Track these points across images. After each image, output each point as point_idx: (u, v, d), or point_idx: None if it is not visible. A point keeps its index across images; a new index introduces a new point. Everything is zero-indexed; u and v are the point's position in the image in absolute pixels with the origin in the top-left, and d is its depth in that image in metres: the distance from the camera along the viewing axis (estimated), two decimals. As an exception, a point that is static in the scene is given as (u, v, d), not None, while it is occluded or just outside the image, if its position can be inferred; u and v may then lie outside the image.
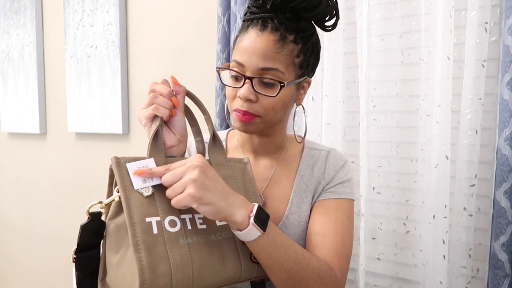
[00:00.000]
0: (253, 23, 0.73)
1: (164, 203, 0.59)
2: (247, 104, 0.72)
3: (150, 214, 0.56)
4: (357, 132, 1.27)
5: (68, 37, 1.91)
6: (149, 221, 0.56)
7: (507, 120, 0.97)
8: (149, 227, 0.55)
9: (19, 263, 2.30)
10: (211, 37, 1.51)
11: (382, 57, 1.22)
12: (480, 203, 1.10)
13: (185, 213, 0.60)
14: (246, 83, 0.71)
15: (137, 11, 1.72)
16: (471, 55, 1.05)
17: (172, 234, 0.57)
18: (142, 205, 0.56)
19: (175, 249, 0.56)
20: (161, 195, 0.59)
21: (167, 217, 0.58)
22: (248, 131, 0.75)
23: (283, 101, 0.73)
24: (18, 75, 2.14)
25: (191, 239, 0.58)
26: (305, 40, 0.73)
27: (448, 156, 1.08)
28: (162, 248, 0.55)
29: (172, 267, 0.54)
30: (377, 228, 1.25)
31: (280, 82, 0.70)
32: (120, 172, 0.57)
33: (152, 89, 0.65)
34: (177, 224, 0.58)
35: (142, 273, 0.52)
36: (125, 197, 0.56)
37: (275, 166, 0.83)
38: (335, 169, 0.82)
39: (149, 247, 0.54)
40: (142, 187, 0.58)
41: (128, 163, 0.59)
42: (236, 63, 0.73)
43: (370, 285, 1.27)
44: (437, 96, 1.08)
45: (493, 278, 1.00)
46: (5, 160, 2.31)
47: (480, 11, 1.05)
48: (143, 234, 0.54)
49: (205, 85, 1.54)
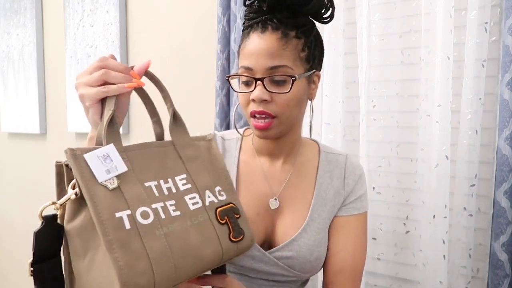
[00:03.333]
0: (253, 28, 0.74)
1: (133, 194, 0.53)
2: (263, 105, 0.72)
3: (119, 209, 0.51)
4: (357, 132, 1.27)
5: (68, 37, 1.91)
6: (119, 216, 0.50)
7: (507, 120, 0.97)
8: (120, 222, 0.50)
9: (19, 263, 2.30)
10: (211, 37, 1.51)
11: (382, 57, 1.22)
12: (480, 203, 1.10)
13: (156, 202, 0.55)
14: (258, 85, 0.71)
15: (137, 11, 1.72)
16: (471, 55, 1.05)
17: (147, 227, 0.52)
18: (109, 199, 0.50)
19: (152, 242, 0.51)
20: (129, 185, 0.54)
21: (138, 208, 0.52)
22: (268, 137, 0.76)
23: (297, 97, 0.74)
24: (18, 75, 2.14)
25: (167, 228, 0.54)
26: (306, 34, 0.74)
27: (448, 156, 1.08)
28: (139, 244, 0.50)
29: (152, 262, 0.50)
30: (377, 228, 1.25)
31: (291, 76, 0.71)
32: (78, 165, 0.50)
33: (103, 65, 0.57)
34: (149, 215, 0.53)
35: (121, 274, 0.47)
36: (89, 193, 0.49)
37: (291, 169, 0.84)
38: (354, 179, 0.84)
39: (124, 244, 0.49)
40: (106, 179, 0.52)
41: (86, 154, 0.51)
42: (244, 68, 0.73)
43: (370, 285, 1.27)
44: (437, 96, 1.08)
45: (493, 278, 1.00)
46: (5, 160, 2.31)
47: (480, 11, 1.04)
48: (115, 231, 0.49)
49: (205, 85, 1.54)
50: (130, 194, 0.53)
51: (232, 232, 0.62)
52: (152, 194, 0.56)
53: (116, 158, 0.54)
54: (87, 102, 0.57)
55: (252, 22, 0.74)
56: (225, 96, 1.38)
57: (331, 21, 0.79)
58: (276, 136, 0.76)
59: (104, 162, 0.53)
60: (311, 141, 0.89)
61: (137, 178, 0.55)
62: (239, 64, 0.76)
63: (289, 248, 0.78)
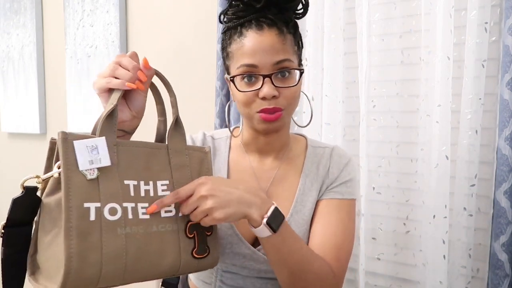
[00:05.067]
0: (244, 27, 0.74)
1: (108, 188, 0.55)
2: (274, 101, 0.73)
3: (90, 199, 0.53)
4: (357, 132, 1.27)
5: (68, 37, 1.91)
6: (87, 206, 0.52)
7: (507, 120, 0.96)
8: (87, 212, 0.52)
9: (19, 263, 2.30)
10: (211, 37, 1.51)
11: (382, 57, 1.22)
12: (480, 203, 1.10)
13: (128, 201, 0.57)
14: (265, 82, 0.72)
15: (137, 11, 1.72)
16: (471, 55, 1.05)
17: (111, 223, 0.54)
18: (83, 188, 0.53)
19: (110, 239, 0.53)
20: (107, 179, 0.55)
21: (108, 204, 0.54)
22: (274, 129, 0.77)
23: (300, 89, 0.77)
24: (18, 75, 2.14)
25: (130, 229, 0.55)
26: (294, 29, 0.77)
27: (448, 156, 1.08)
28: (97, 237, 0.52)
29: (103, 257, 0.52)
30: (377, 228, 1.25)
31: (299, 69, 0.75)
32: (65, 149, 0.53)
33: (117, 61, 0.62)
34: (117, 212, 0.55)
35: (69, 262, 0.49)
36: (66, 177, 0.52)
37: (279, 165, 0.84)
38: (339, 168, 0.84)
39: (82, 234, 0.51)
40: (87, 168, 0.54)
41: (75, 141, 0.54)
42: (247, 66, 0.72)
43: (370, 285, 1.27)
44: (437, 96, 1.08)
45: (493, 278, 1.00)
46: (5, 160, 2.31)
47: (480, 11, 1.04)
48: (78, 220, 0.51)
49: (205, 85, 1.54)
50: (106, 188, 0.55)
51: (196, 248, 0.63)
52: (128, 193, 0.57)
53: (103, 151, 0.56)
54: (96, 91, 0.62)
55: (243, 20, 0.74)
56: (225, 96, 1.38)
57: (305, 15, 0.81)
58: (280, 128, 0.78)
59: (91, 153, 0.55)
60: (299, 136, 0.90)
61: (118, 174, 0.57)
62: (233, 64, 0.75)
63: None
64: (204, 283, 0.84)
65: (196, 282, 0.87)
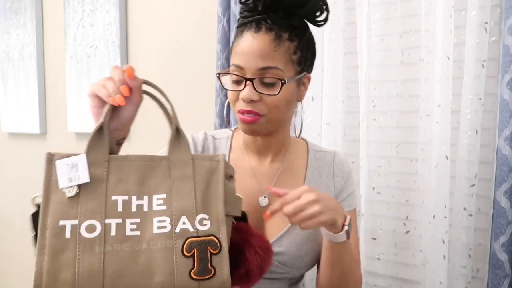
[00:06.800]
0: (247, 27, 0.74)
1: (89, 205, 0.54)
2: (251, 104, 0.73)
3: (66, 217, 0.53)
4: (357, 132, 1.27)
5: (68, 37, 1.91)
6: (62, 224, 0.53)
7: (507, 120, 0.96)
8: (62, 230, 0.52)
9: (19, 263, 2.30)
10: (211, 37, 1.51)
11: (382, 57, 1.22)
12: (480, 203, 1.10)
13: (113, 217, 0.55)
14: (247, 85, 0.72)
15: (137, 11, 1.72)
16: (471, 55, 1.05)
17: (87, 240, 0.53)
18: (61, 206, 0.54)
19: (85, 257, 0.52)
20: (90, 196, 0.55)
21: (86, 221, 0.53)
22: (253, 132, 0.77)
23: (286, 99, 0.74)
24: (18, 75, 2.14)
25: (110, 246, 0.53)
26: (300, 36, 0.74)
27: (448, 156, 1.08)
28: (71, 255, 0.52)
29: (77, 275, 0.51)
30: (377, 228, 1.25)
31: (281, 79, 0.71)
32: (49, 169, 0.55)
33: (110, 72, 0.62)
34: (96, 230, 0.53)
35: (38, 278, 0.50)
36: (45, 196, 0.54)
37: (280, 167, 0.84)
38: (343, 177, 0.86)
39: (55, 252, 0.51)
40: (66, 186, 0.54)
41: (58, 160, 0.55)
42: (235, 66, 0.73)
43: (370, 285, 1.27)
44: (437, 96, 1.08)
45: (493, 278, 1.00)
46: (5, 160, 2.31)
47: (480, 11, 1.04)
48: (52, 238, 0.52)
49: (205, 85, 1.54)
50: (86, 205, 0.54)
51: (196, 268, 0.55)
52: (114, 209, 0.55)
53: (82, 168, 0.56)
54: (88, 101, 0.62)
55: (247, 20, 0.74)
56: (225, 96, 1.38)
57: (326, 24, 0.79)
58: (262, 133, 0.78)
59: (70, 171, 0.55)
60: (300, 139, 0.89)
61: (107, 190, 0.56)
62: (230, 62, 0.76)
63: (278, 245, 0.79)
64: None
65: None
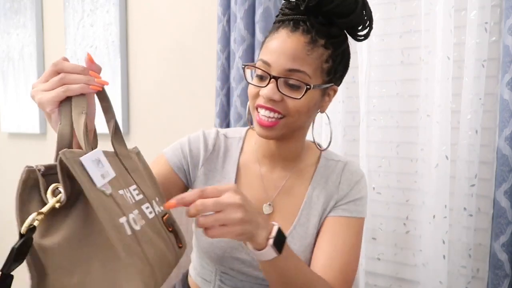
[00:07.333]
0: (284, 24, 0.71)
1: (120, 200, 0.51)
2: (270, 103, 0.70)
3: (119, 214, 0.49)
4: (357, 132, 1.27)
5: (68, 37, 1.91)
6: (122, 222, 0.48)
7: (507, 120, 0.97)
8: (123, 228, 0.48)
9: (19, 263, 2.30)
10: (211, 37, 1.51)
11: (382, 57, 1.22)
12: (480, 203, 1.10)
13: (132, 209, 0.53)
14: (271, 83, 0.69)
15: (137, 11, 1.72)
16: (471, 55, 1.05)
17: (139, 232, 0.51)
18: (109, 205, 0.48)
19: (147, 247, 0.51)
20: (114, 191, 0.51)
21: (128, 215, 0.51)
22: (269, 136, 0.73)
23: (308, 105, 0.71)
24: (18, 75, 2.14)
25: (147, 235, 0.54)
26: (335, 46, 0.71)
27: (448, 156, 1.08)
28: (139, 249, 0.50)
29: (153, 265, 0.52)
30: (377, 228, 1.25)
31: (306, 84, 0.68)
32: (79, 169, 0.46)
33: (58, 69, 0.54)
34: (137, 222, 0.53)
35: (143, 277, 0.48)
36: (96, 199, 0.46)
37: (288, 174, 0.82)
38: (349, 185, 0.81)
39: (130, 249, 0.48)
40: (103, 183, 0.49)
41: (82, 157, 0.47)
42: (262, 62, 0.70)
43: (370, 285, 1.27)
44: (437, 96, 1.08)
45: (493, 278, 1.00)
46: (5, 160, 2.31)
47: (480, 11, 1.05)
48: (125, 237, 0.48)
49: (205, 85, 1.54)
50: (119, 201, 0.50)
51: (177, 239, 0.60)
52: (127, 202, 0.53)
53: (105, 163, 0.51)
54: (47, 108, 0.54)
55: (285, 18, 0.72)
56: (225, 96, 1.38)
57: (365, 40, 0.76)
58: (277, 137, 0.74)
59: (97, 167, 0.49)
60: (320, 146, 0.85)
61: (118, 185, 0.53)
62: (259, 55, 0.73)
63: None
64: (204, 281, 0.84)
65: (196, 279, 0.87)
